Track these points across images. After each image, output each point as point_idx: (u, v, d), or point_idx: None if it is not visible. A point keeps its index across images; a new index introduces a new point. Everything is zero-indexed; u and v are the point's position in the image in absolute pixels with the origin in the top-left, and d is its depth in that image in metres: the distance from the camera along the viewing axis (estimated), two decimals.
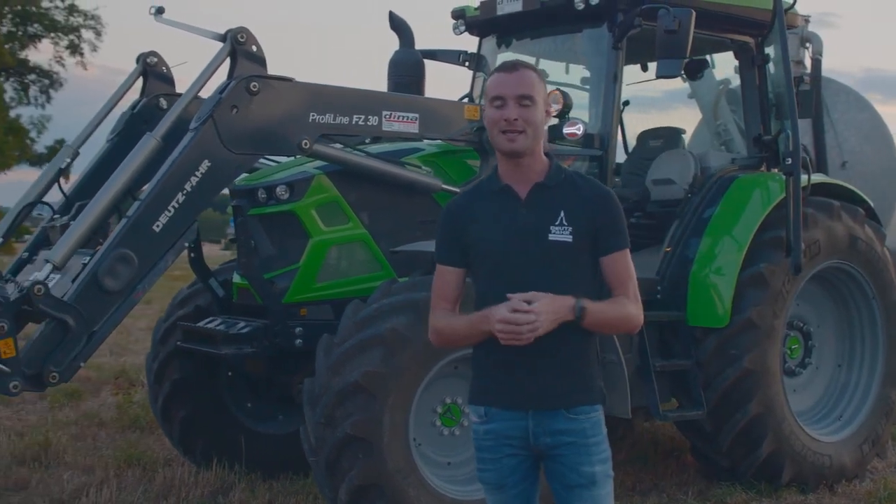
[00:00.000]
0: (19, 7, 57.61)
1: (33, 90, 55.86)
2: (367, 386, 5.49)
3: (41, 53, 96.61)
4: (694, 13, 6.36)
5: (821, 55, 10.54)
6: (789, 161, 6.86)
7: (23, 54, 59.37)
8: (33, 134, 51.04)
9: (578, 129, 6.92)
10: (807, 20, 10.68)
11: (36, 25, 59.61)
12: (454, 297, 3.72)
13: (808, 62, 10.53)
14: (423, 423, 5.94)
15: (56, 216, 6.17)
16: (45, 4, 58.39)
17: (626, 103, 8.99)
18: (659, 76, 6.63)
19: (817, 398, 7.88)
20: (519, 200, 3.60)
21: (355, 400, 5.50)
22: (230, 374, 7.30)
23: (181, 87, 6.76)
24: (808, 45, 10.53)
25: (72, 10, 55.88)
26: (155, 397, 7.30)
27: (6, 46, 56.88)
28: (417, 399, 5.77)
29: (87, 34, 57.97)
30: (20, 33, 59.56)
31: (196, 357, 6.92)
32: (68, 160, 6.46)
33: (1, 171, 47.09)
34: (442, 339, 3.77)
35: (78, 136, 6.81)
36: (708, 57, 8.24)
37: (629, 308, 3.60)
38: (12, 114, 50.48)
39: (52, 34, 59.42)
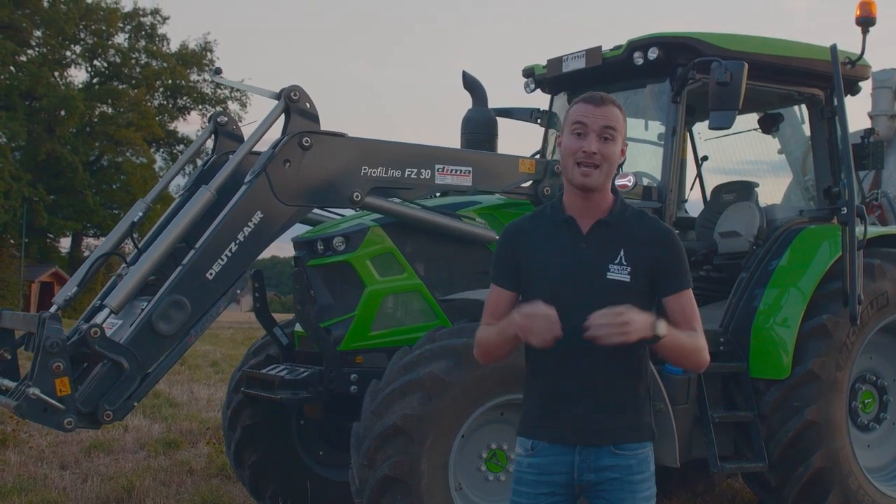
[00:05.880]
0: (170, 81, 60.35)
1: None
2: (405, 429, 5.62)
3: (189, 125, 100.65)
4: (746, 65, 6.37)
5: None
6: (845, 211, 6.79)
7: (172, 126, 62.34)
8: None
9: (629, 181, 6.98)
10: None
11: (185, 98, 62.44)
12: (501, 316, 3.62)
13: None
14: (467, 467, 6.03)
15: (125, 266, 6.48)
16: (193, 78, 61.12)
17: (705, 158, 9.04)
18: (711, 128, 6.67)
19: (895, 454, 7.67)
20: (580, 234, 3.57)
21: (395, 442, 5.64)
22: (302, 422, 7.52)
23: None
24: None
25: (218, 83, 58.61)
26: (228, 443, 7.56)
27: (157, 118, 59.69)
28: (458, 443, 5.86)
29: (232, 106, 60.44)
30: (170, 106, 62.46)
31: (267, 404, 7.13)
32: (141, 214, 6.77)
33: None
34: (479, 350, 3.68)
35: (152, 191, 7.19)
36: (797, 111, 8.23)
37: (701, 341, 3.54)
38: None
39: (200, 106, 62.18)
